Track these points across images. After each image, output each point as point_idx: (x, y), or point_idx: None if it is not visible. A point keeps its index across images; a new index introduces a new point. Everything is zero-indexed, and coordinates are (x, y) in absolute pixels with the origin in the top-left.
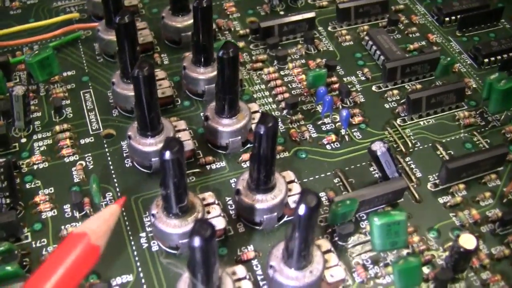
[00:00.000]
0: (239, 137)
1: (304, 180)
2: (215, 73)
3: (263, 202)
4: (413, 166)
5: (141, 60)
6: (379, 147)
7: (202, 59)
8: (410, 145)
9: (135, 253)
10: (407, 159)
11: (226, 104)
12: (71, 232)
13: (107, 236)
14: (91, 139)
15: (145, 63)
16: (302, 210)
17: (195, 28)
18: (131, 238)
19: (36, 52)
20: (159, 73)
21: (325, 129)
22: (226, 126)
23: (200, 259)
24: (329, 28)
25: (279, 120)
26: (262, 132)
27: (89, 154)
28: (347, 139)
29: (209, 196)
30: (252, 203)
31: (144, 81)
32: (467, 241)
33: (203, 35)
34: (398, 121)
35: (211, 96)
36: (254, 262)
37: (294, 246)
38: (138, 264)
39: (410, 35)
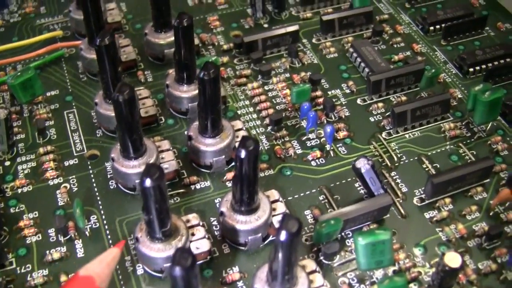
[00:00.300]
0: (223, 156)
1: (289, 198)
2: None
3: (247, 223)
4: (398, 180)
5: (121, 83)
6: (363, 164)
7: (185, 77)
8: (395, 159)
9: (120, 277)
10: (393, 173)
11: (209, 124)
12: (77, 275)
13: (109, 280)
14: (75, 161)
15: (126, 86)
16: (283, 236)
17: (177, 47)
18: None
19: (18, 73)
20: (143, 92)
21: (310, 145)
22: (210, 145)
23: (182, 287)
24: (314, 40)
25: (264, 136)
26: (243, 156)
27: (73, 176)
28: (332, 155)
29: (194, 218)
30: (236, 225)
31: (124, 104)
32: (452, 259)
33: (185, 54)
34: (384, 134)
35: (195, 114)
36: (240, 283)
37: (277, 269)
38: (123, 287)
39: (395, 45)
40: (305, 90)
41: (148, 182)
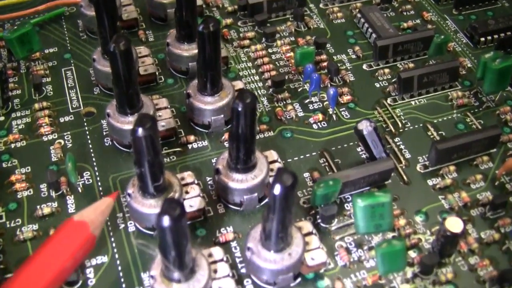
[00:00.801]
0: (222, 115)
1: (288, 160)
2: None
3: (243, 182)
4: (402, 146)
5: (118, 34)
6: (365, 126)
7: (186, 36)
8: (400, 125)
9: (111, 233)
10: (396, 139)
11: (208, 81)
12: (71, 219)
13: (102, 228)
14: (71, 117)
15: (122, 38)
16: (277, 189)
17: (178, 4)
18: (107, 218)
19: (15, 28)
20: (143, 50)
21: (312, 108)
22: (208, 104)
23: (170, 240)
24: (321, 5)
25: (265, 98)
26: (240, 109)
27: (68, 133)
28: (334, 119)
29: (188, 176)
30: (232, 183)
31: (120, 56)
32: (454, 224)
33: (186, 11)
34: (389, 100)
35: (195, 74)
36: (233, 244)
37: (271, 227)
38: (114, 245)
39: (405, 13)
40: (309, 52)
41: (140, 132)
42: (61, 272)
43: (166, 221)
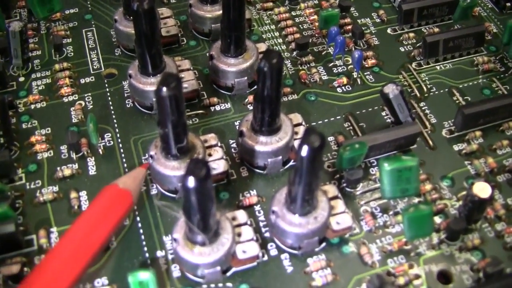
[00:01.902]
0: (245, 78)
1: (313, 124)
2: None
3: (267, 144)
4: (427, 111)
5: None
6: (391, 90)
7: None
8: (425, 89)
9: None
10: (422, 104)
11: (232, 43)
12: (115, 186)
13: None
14: (92, 79)
15: None
16: (305, 151)
17: None
18: None
19: None
20: (165, 11)
21: (336, 71)
22: (232, 65)
23: (195, 202)
24: None
25: (288, 61)
26: (266, 69)
27: (89, 94)
28: (359, 82)
29: (212, 138)
30: (256, 146)
31: (144, 15)
32: (482, 189)
33: None
34: (414, 65)
35: (218, 35)
36: (257, 207)
37: (297, 190)
38: (135, 207)
39: None
40: (334, 14)
41: (164, 91)
42: (106, 239)
43: (191, 181)
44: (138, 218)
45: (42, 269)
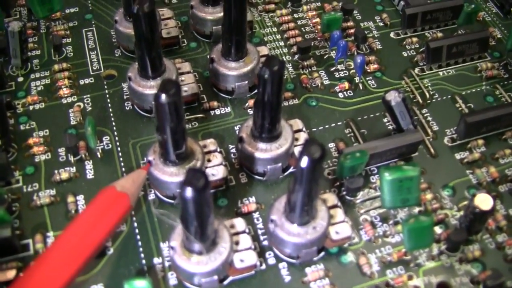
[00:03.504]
0: (246, 82)
1: (313, 129)
2: None
3: (267, 151)
4: (429, 118)
5: None
6: (393, 97)
7: None
8: (427, 96)
9: None
10: (424, 111)
11: (233, 46)
12: (113, 189)
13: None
14: (91, 80)
15: None
16: (304, 162)
17: None
18: None
19: None
20: (165, 12)
21: (338, 76)
22: (233, 69)
23: (193, 212)
24: None
25: (290, 65)
26: (266, 76)
27: (88, 96)
28: (361, 87)
29: (211, 143)
30: (255, 152)
31: (144, 18)
32: (483, 201)
33: None
34: (416, 70)
35: (219, 37)
36: (255, 215)
37: (296, 199)
38: (133, 213)
39: None
40: (336, 18)
41: (163, 98)
42: (100, 243)
43: (189, 192)
44: (135, 224)
45: (34, 271)
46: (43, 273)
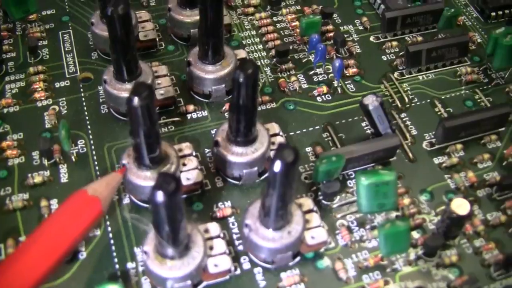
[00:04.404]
0: (223, 85)
1: (291, 134)
2: None
3: (242, 155)
4: (408, 122)
5: None
6: (371, 101)
7: (188, 1)
8: (406, 100)
9: None
10: (403, 115)
11: (210, 49)
12: (85, 193)
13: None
14: (67, 83)
15: (120, 1)
16: (277, 166)
17: None
18: None
19: None
20: (143, 15)
21: (317, 79)
22: (209, 72)
23: (164, 216)
24: None
25: (268, 68)
26: (241, 80)
27: (64, 99)
28: (339, 91)
29: (186, 147)
30: (231, 156)
31: (118, 20)
32: (460, 206)
33: None
34: (396, 74)
35: (197, 40)
36: (231, 219)
37: (270, 204)
38: (106, 217)
39: None
40: (315, 21)
41: (136, 101)
42: (68, 248)
43: (160, 196)
44: (109, 228)
45: (1, 272)
46: (11, 275)
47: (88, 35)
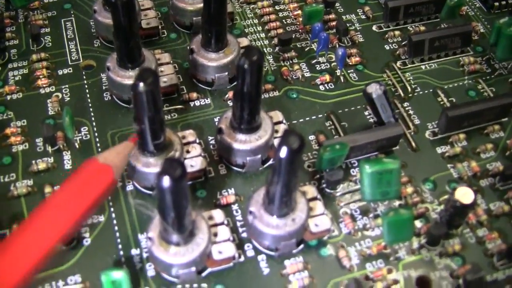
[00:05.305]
0: (226, 73)
1: (294, 122)
2: None
3: (246, 142)
4: (411, 112)
5: None
6: (374, 89)
7: None
8: (409, 89)
9: None
10: (405, 104)
11: (213, 37)
12: (95, 161)
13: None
14: (70, 70)
15: None
16: (283, 152)
17: None
18: None
19: None
20: (145, 3)
21: (319, 68)
22: (212, 60)
23: (170, 202)
24: None
25: (271, 57)
26: (245, 66)
27: (66, 86)
28: (342, 80)
29: (190, 135)
30: (234, 144)
31: (122, 7)
32: (464, 194)
33: None
34: (398, 63)
35: (199, 28)
36: (234, 206)
37: (275, 191)
38: (110, 203)
39: None
40: (318, 10)
41: (141, 86)
42: (81, 217)
43: (166, 181)
44: (113, 215)
45: (11, 242)
46: (23, 242)
47: (91, 23)
